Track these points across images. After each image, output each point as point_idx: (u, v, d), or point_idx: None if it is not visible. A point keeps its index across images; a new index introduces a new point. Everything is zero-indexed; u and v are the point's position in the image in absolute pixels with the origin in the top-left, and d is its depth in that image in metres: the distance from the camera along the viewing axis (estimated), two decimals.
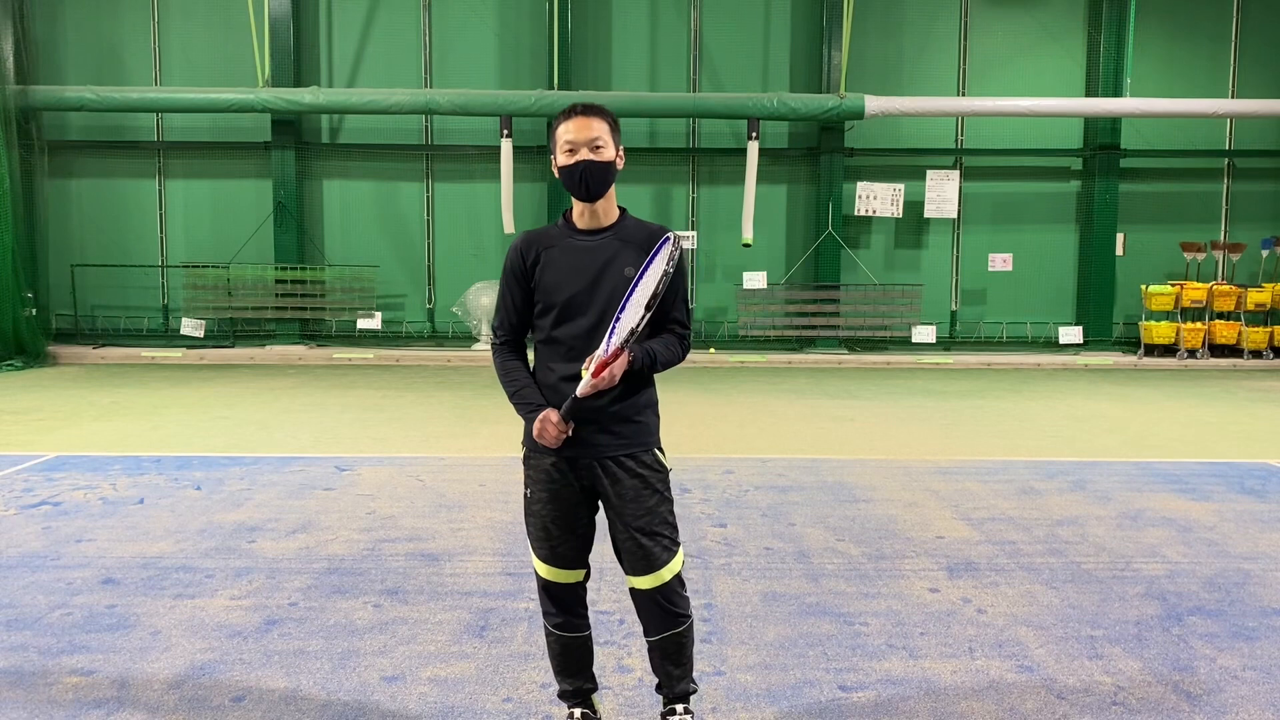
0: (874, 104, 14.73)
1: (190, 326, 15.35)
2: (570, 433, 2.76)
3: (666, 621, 2.90)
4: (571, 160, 2.76)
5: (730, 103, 14.91)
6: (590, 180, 2.75)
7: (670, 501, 2.91)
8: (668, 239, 2.76)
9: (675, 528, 2.92)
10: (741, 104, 14.84)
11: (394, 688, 3.43)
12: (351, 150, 15.91)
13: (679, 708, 2.99)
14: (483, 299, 15.22)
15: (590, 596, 3.28)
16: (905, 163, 15.98)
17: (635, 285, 2.72)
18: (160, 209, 15.96)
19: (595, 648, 3.15)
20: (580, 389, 2.68)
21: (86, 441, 8.04)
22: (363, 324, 15.63)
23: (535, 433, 2.77)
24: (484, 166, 15.81)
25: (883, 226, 16.13)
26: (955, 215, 15.80)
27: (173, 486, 6.36)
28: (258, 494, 6.18)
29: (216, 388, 11.53)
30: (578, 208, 2.84)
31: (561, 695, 3.07)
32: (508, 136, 14.81)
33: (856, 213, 15.74)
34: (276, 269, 15.49)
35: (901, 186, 15.69)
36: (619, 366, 2.68)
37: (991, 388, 12.24)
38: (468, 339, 15.76)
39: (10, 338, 13.75)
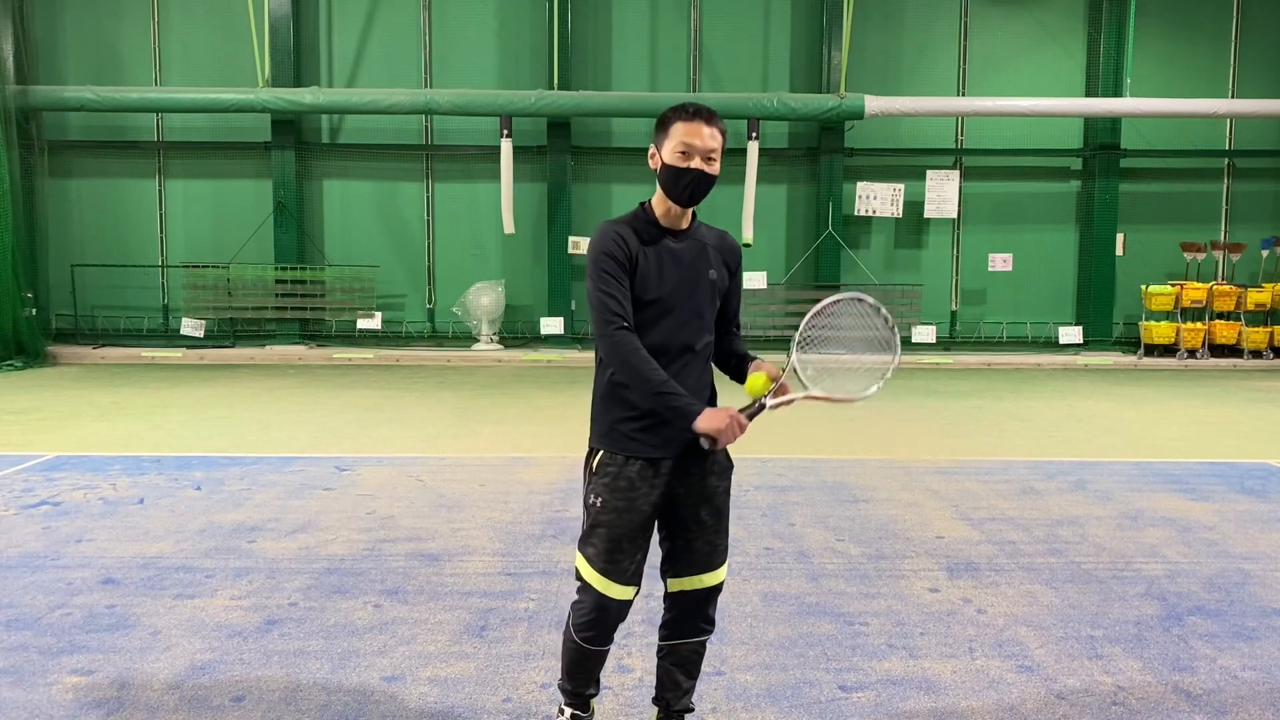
0: (874, 104, 14.73)
1: (190, 326, 15.35)
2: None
3: (698, 628, 2.91)
4: (684, 164, 2.71)
5: (730, 103, 14.89)
6: (697, 191, 2.74)
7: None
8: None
9: None
10: (741, 104, 14.83)
11: (394, 688, 3.43)
12: (351, 150, 15.90)
13: None
14: (483, 299, 15.20)
15: None
16: (905, 163, 15.97)
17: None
18: (160, 209, 15.95)
19: None
20: (772, 402, 2.68)
21: (86, 441, 8.04)
22: (363, 324, 15.62)
23: (722, 429, 2.60)
24: (484, 166, 15.79)
25: (883, 226, 16.12)
26: (955, 215, 15.79)
27: (173, 486, 6.36)
28: (258, 494, 6.18)
29: (216, 388, 11.53)
30: (663, 206, 2.80)
31: (561, 690, 3.06)
32: (508, 136, 14.82)
33: (856, 213, 15.74)
34: (276, 269, 15.48)
35: (901, 186, 15.69)
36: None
37: (991, 388, 12.23)
38: (468, 339, 15.75)
39: (10, 338, 13.74)
